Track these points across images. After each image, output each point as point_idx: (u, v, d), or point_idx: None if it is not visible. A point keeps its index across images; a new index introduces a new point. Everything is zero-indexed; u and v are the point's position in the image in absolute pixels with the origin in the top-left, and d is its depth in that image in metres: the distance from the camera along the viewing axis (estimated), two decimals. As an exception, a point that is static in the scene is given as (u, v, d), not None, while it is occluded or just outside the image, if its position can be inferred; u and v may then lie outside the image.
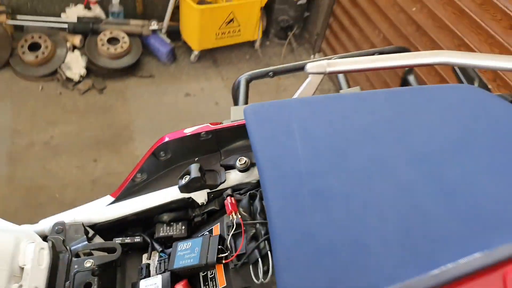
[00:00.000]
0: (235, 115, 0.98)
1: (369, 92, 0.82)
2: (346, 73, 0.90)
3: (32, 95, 2.73)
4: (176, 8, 2.97)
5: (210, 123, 0.97)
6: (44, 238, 0.91)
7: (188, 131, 0.97)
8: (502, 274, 0.65)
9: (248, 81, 1.08)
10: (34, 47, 2.78)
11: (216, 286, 0.82)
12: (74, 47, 2.87)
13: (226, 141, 0.98)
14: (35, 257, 0.81)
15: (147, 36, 2.98)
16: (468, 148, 0.71)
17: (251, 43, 3.29)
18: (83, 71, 2.81)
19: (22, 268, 0.78)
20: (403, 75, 1.13)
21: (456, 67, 0.99)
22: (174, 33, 3.10)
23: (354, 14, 2.76)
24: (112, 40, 2.86)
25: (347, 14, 2.86)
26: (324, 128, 0.76)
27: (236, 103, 1.13)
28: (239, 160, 0.92)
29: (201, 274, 0.86)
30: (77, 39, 2.86)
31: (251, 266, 0.81)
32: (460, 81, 0.98)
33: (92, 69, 2.85)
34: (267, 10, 3.19)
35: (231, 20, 2.96)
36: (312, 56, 3.33)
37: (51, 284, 0.79)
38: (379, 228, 0.63)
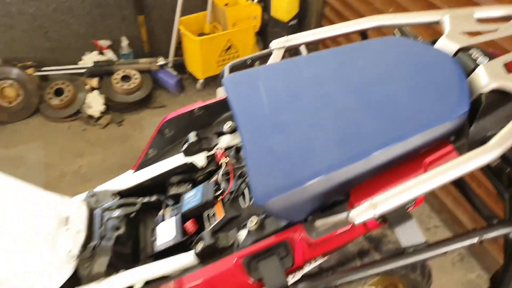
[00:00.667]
0: (220, 93, 1.23)
1: (320, 52, 1.06)
2: (303, 44, 1.14)
3: (60, 134, 3.06)
4: (179, 43, 3.32)
5: (201, 101, 1.22)
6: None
7: (181, 109, 1.22)
8: (423, 160, 0.86)
9: (231, 70, 1.33)
10: (58, 92, 3.14)
11: (216, 219, 1.04)
12: (92, 88, 3.22)
13: (216, 114, 1.22)
14: (75, 210, 1.05)
15: (155, 71, 3.31)
16: (389, 79, 0.94)
17: (250, 66, 3.59)
18: (102, 108, 3.14)
19: (66, 218, 1.03)
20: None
21: (398, 29, 1.22)
22: (180, 66, 3.43)
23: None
24: (125, 78, 3.20)
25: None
26: (283, 82, 1.00)
27: (222, 90, 1.38)
28: (226, 124, 1.16)
29: (205, 214, 1.08)
30: (94, 81, 3.21)
31: (240, 198, 1.03)
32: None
33: (110, 105, 3.18)
34: (262, 34, 3.51)
35: (229, 47, 3.28)
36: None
37: (89, 229, 1.02)
38: (322, 137, 0.85)
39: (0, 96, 3.05)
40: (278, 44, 1.13)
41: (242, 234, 0.94)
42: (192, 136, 1.13)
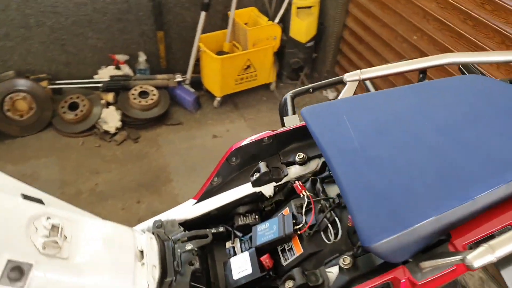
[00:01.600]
0: (288, 123, 1.20)
1: (395, 88, 1.05)
2: (376, 78, 1.13)
3: (74, 150, 2.99)
4: (197, 60, 3.29)
5: (270, 130, 1.19)
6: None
7: (251, 138, 1.19)
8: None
9: (293, 98, 1.31)
10: (73, 106, 3.08)
11: (294, 254, 1.00)
12: (108, 103, 3.16)
13: (283, 144, 1.19)
14: (147, 243, 1.00)
15: (173, 87, 3.28)
16: (477, 118, 0.93)
17: (267, 86, 3.59)
18: (118, 124, 3.08)
19: (141, 252, 0.97)
20: (418, 80, 1.37)
21: (461, 66, 1.22)
22: (197, 83, 3.40)
23: (361, 49, 3.06)
24: (143, 94, 3.16)
25: (354, 50, 3.16)
26: (366, 116, 0.98)
27: (282, 117, 1.35)
28: (297, 155, 1.13)
29: (279, 248, 1.04)
30: (110, 96, 3.16)
31: (322, 233, 0.99)
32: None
33: (126, 121, 3.12)
34: (279, 55, 3.51)
35: (248, 66, 3.27)
36: (324, 92, 3.61)
37: (163, 263, 0.97)
38: (421, 176, 0.83)
39: (11, 109, 2.97)
40: (352, 77, 1.11)
41: (333, 271, 0.90)
42: (263, 167, 1.10)
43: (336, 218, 0.98)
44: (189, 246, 1.02)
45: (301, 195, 1.02)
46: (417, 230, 0.76)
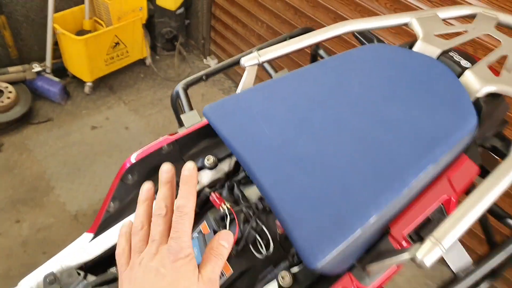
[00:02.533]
0: (188, 121, 1.05)
1: (302, 69, 0.96)
2: (275, 59, 1.02)
3: None
4: (55, 44, 2.85)
5: (168, 135, 1.03)
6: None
7: (148, 147, 1.02)
8: (447, 178, 0.84)
9: (185, 89, 1.15)
10: None
11: (223, 275, 0.90)
12: (-49, 111, 2.60)
13: (187, 147, 1.05)
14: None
15: (32, 80, 2.81)
16: (393, 92, 0.89)
17: (142, 61, 3.29)
18: (-30, 134, 2.57)
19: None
20: (311, 53, 1.31)
21: (357, 34, 1.18)
22: (60, 70, 2.97)
23: (234, 12, 2.94)
24: (-5, 93, 2.65)
25: (228, 13, 3.03)
26: (279, 106, 0.88)
27: (177, 113, 1.19)
28: (207, 159, 1.00)
29: (205, 270, 0.93)
30: (-48, 102, 2.60)
31: (251, 246, 0.90)
32: (362, 44, 1.18)
33: (-19, 129, 2.62)
34: (149, 26, 3.22)
35: (117, 44, 2.94)
36: (205, 60, 3.44)
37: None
38: (353, 169, 0.76)
39: None
40: (250, 60, 0.99)
41: (270, 289, 0.83)
42: (167, 181, 0.95)
43: (264, 227, 0.90)
44: (97, 301, 0.85)
45: (221, 210, 0.91)
46: (361, 233, 0.70)
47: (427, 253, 0.67)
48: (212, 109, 0.88)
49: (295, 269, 0.85)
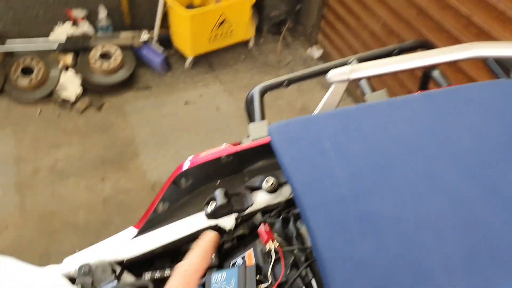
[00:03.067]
0: (255, 133, 0.94)
1: (402, 98, 0.77)
2: (371, 77, 0.85)
3: (31, 120, 2.69)
4: (165, 14, 2.92)
5: (231, 144, 0.93)
6: (71, 279, 0.87)
7: (206, 154, 0.93)
8: None
9: (262, 94, 1.03)
10: (27, 71, 2.73)
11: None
12: (67, 67, 2.82)
13: (249, 161, 0.94)
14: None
15: (139, 47, 2.92)
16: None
17: (245, 43, 3.24)
18: (79, 90, 2.76)
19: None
20: (424, 72, 1.08)
21: (488, 62, 0.94)
22: (166, 41, 3.05)
23: (349, 2, 2.71)
24: (105, 56, 2.81)
25: (342, 3, 2.81)
26: (360, 143, 0.71)
27: (251, 118, 1.09)
28: (266, 181, 0.88)
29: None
30: (68, 58, 2.81)
31: (292, 292, 0.77)
32: (495, 75, 0.93)
33: (88, 87, 2.80)
34: (258, 7, 3.14)
35: (223, 22, 2.91)
36: (309, 49, 3.28)
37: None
38: (439, 250, 0.58)
39: (-44, 74, 2.62)
40: (339, 76, 0.83)
41: None
42: (220, 197, 0.85)
43: (313, 280, 0.75)
44: (124, 304, 0.80)
45: (267, 248, 0.79)
46: None
47: None
48: (279, 129, 0.75)
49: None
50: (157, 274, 0.90)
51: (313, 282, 0.74)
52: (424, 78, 1.09)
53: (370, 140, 0.71)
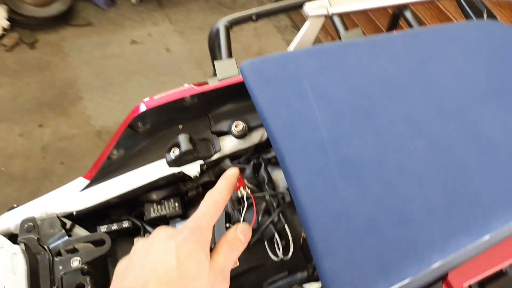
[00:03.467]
0: (222, 72, 0.84)
1: (383, 36, 0.71)
2: (350, 13, 0.77)
3: (-50, 57, 2.36)
4: None
5: (194, 84, 0.83)
6: (12, 237, 0.77)
7: (167, 95, 0.83)
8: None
9: (228, 28, 0.92)
10: None
11: (228, 267, 0.74)
12: (-9, -4, 2.47)
13: (215, 103, 0.85)
14: (8, 264, 0.68)
15: (77, -23, 2.61)
16: (502, 93, 0.64)
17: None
18: (5, 24, 2.44)
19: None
20: (394, 12, 1.02)
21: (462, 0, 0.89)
22: (109, -28, 2.74)
23: None
24: (37, -16, 2.48)
25: None
26: (340, 84, 0.65)
27: (214, 56, 0.98)
28: (235, 126, 0.80)
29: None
30: (-7, -14, 2.45)
31: (266, 242, 0.73)
32: (467, 15, 0.90)
33: (16, 20, 2.48)
34: None
35: (173, -46, 2.65)
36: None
37: (34, 289, 0.67)
38: (421, 195, 0.55)
39: None
40: (317, 10, 0.74)
41: None
42: (184, 143, 0.76)
43: (286, 226, 0.71)
44: (75, 262, 0.71)
45: (239, 193, 0.72)
46: (410, 281, 0.51)
47: None
48: (253, 67, 0.66)
49: (313, 286, 0.68)
50: (114, 227, 0.82)
51: (286, 227, 0.70)
52: (393, 19, 1.04)
53: (350, 81, 0.64)
